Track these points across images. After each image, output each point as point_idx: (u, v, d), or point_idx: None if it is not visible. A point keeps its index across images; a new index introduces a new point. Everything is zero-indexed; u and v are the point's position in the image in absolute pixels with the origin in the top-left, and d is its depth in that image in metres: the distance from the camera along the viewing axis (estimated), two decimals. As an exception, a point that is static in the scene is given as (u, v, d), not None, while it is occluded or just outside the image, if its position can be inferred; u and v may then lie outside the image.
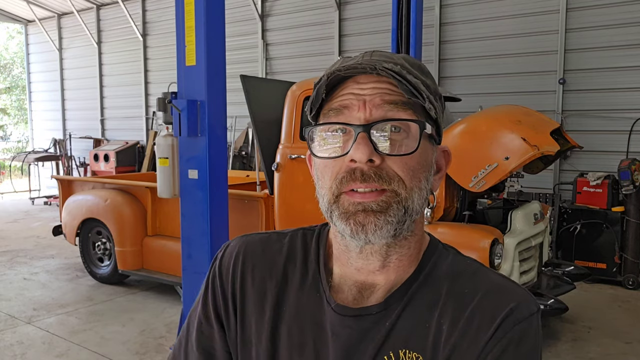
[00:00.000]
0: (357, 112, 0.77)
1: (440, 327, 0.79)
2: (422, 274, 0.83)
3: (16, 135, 23.78)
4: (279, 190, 4.37)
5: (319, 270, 0.88)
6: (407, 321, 0.80)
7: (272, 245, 0.93)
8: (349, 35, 8.50)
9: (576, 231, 5.78)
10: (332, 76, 0.78)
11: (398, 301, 0.82)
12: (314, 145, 0.81)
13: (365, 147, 0.74)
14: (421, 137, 0.77)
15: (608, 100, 6.46)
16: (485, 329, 0.76)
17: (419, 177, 0.78)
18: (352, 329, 0.81)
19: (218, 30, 3.77)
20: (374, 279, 0.84)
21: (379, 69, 0.76)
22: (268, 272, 0.90)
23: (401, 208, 0.76)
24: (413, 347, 0.79)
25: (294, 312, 0.86)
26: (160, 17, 10.87)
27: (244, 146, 9.03)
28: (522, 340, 0.76)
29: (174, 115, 3.82)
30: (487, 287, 0.81)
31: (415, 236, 0.84)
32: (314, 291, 0.86)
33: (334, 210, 0.78)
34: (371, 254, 0.81)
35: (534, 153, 3.68)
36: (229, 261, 0.93)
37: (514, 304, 0.78)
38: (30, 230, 8.95)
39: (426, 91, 0.78)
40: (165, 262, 5.32)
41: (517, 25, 6.97)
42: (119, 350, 4.12)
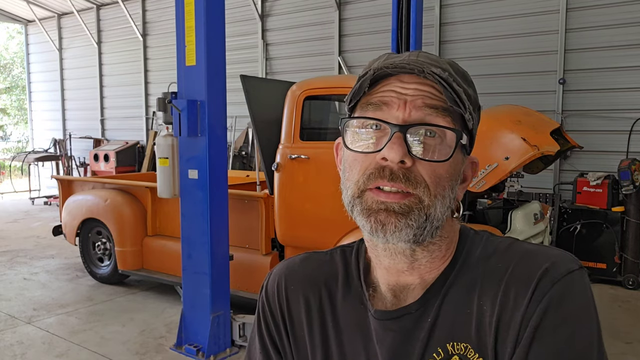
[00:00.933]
0: (396, 110, 0.77)
1: (481, 309, 0.77)
2: (457, 265, 0.82)
3: (16, 135, 23.78)
4: (279, 190, 4.37)
5: (361, 282, 0.88)
6: (448, 313, 0.79)
7: (312, 265, 0.94)
8: (349, 35, 8.50)
9: (576, 231, 5.78)
10: (379, 72, 0.78)
11: (436, 295, 0.81)
12: (347, 137, 0.80)
13: (400, 148, 0.74)
14: (456, 147, 0.77)
15: (608, 100, 6.46)
16: (523, 295, 0.74)
17: (444, 186, 0.77)
18: (394, 331, 0.81)
19: (218, 30, 3.78)
20: (406, 280, 0.83)
21: (427, 72, 0.76)
22: (311, 292, 0.91)
23: (423, 215, 0.75)
24: (459, 338, 0.78)
25: (342, 326, 0.87)
26: (160, 17, 10.87)
27: (244, 146, 9.03)
28: (564, 299, 0.73)
29: (174, 115, 3.82)
30: (520, 255, 0.79)
31: (445, 239, 0.83)
32: (358, 303, 0.87)
33: (356, 205, 0.78)
34: (395, 254, 0.81)
35: (534, 153, 3.68)
36: (272, 287, 0.95)
37: (548, 264, 0.75)
38: (30, 230, 8.95)
39: (467, 101, 0.77)
40: (165, 262, 5.32)
41: (517, 25, 6.97)
42: (119, 350, 4.12)
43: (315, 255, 0.96)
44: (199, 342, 3.94)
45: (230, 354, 4.00)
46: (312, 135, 4.56)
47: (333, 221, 4.13)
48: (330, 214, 4.16)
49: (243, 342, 4.11)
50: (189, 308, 4.03)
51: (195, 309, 3.98)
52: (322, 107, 5.04)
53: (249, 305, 4.68)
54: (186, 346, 3.98)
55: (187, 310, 4.04)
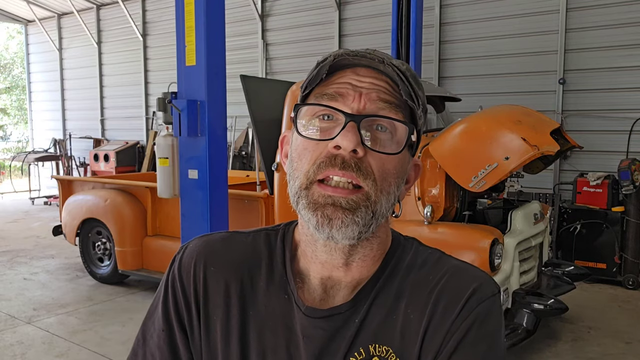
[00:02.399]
0: (351, 101, 0.77)
1: (408, 317, 0.80)
2: (387, 269, 0.84)
3: (16, 135, 23.78)
4: (279, 190, 4.37)
5: (286, 271, 0.86)
6: (376, 315, 0.81)
7: (235, 245, 0.90)
8: (349, 35, 8.51)
9: (576, 231, 5.78)
10: (339, 58, 0.78)
11: (365, 297, 0.82)
12: (300, 124, 0.79)
13: (353, 136, 0.73)
14: (407, 142, 0.78)
15: (608, 100, 6.46)
16: (452, 309, 0.78)
17: (390, 182, 0.77)
18: (323, 329, 0.81)
19: (218, 30, 3.78)
20: (338, 276, 0.83)
21: (387, 64, 0.77)
22: (232, 275, 0.87)
23: (369, 212, 0.76)
24: (382, 341, 0.79)
25: (263, 315, 0.84)
26: (160, 17, 10.87)
27: (244, 146, 9.03)
28: (487, 319, 0.78)
29: (174, 115, 3.82)
30: (450, 270, 0.82)
31: (378, 238, 0.84)
32: (282, 293, 0.85)
33: (302, 198, 0.78)
34: (334, 250, 0.81)
35: (534, 153, 3.68)
36: (189, 262, 0.90)
37: (477, 284, 0.80)
38: (30, 230, 8.94)
39: (420, 100, 0.79)
40: (166, 262, 5.25)
41: (517, 25, 6.97)
42: (119, 350, 4.12)
43: (237, 236, 0.92)
44: (199, 342, 3.93)
45: (230, 354, 3.99)
46: (312, 135, 4.56)
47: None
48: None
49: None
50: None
51: (195, 309, 3.97)
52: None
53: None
54: (186, 346, 3.97)
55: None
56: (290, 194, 0.81)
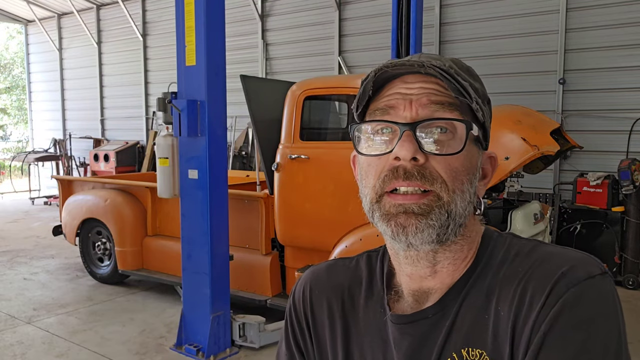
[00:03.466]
0: (403, 111, 0.76)
1: (498, 315, 0.74)
2: (478, 268, 0.80)
3: (16, 135, 23.78)
4: (279, 190, 4.37)
5: (383, 286, 0.88)
6: (466, 318, 0.77)
7: (338, 270, 0.95)
8: (349, 35, 8.50)
9: (576, 231, 5.78)
10: (380, 72, 0.77)
11: (454, 299, 0.79)
12: (360, 144, 0.80)
13: (410, 145, 0.73)
14: (467, 138, 0.75)
15: (608, 100, 6.46)
16: (538, 299, 0.70)
17: (461, 180, 0.75)
18: (411, 335, 0.80)
19: (218, 30, 3.78)
20: (427, 284, 0.82)
21: (427, 67, 0.75)
22: (334, 297, 0.91)
23: (444, 212, 0.74)
24: (475, 344, 0.75)
25: (362, 330, 0.87)
26: (160, 17, 10.87)
27: (244, 146, 9.03)
28: (579, 304, 0.68)
29: (174, 115, 3.82)
30: (541, 257, 0.76)
31: (467, 238, 0.81)
32: (378, 307, 0.87)
33: (376, 211, 0.77)
34: (417, 260, 0.80)
35: (534, 153, 3.68)
36: (299, 293, 0.96)
37: (567, 267, 0.72)
38: (30, 230, 8.94)
39: (474, 93, 0.77)
40: (165, 262, 5.32)
41: (517, 25, 6.97)
42: (119, 350, 4.12)
43: (340, 261, 0.97)
44: (199, 342, 3.94)
45: (230, 354, 4.00)
46: (312, 135, 4.56)
47: (333, 221, 4.13)
48: (330, 214, 4.16)
49: (243, 342, 4.11)
50: (189, 308, 4.03)
51: (195, 309, 3.98)
52: (322, 107, 5.04)
53: (249, 305, 4.68)
54: (186, 346, 3.98)
55: (187, 310, 4.04)
56: (365, 210, 0.80)
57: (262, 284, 4.63)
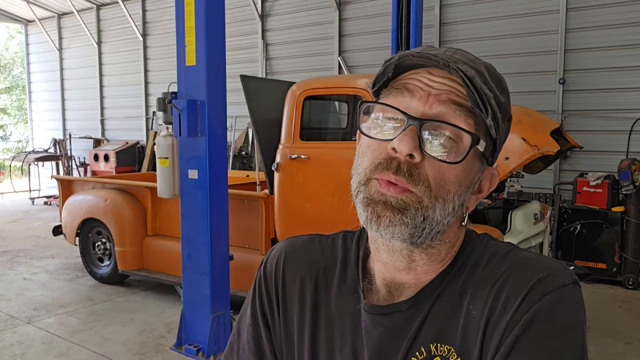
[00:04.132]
0: (417, 100, 0.74)
1: (469, 313, 0.75)
2: (454, 268, 0.80)
3: (16, 135, 23.77)
4: (279, 190, 4.37)
5: (357, 271, 0.87)
6: (439, 314, 0.78)
7: (314, 247, 0.94)
8: (349, 35, 8.50)
9: (576, 231, 5.78)
10: (404, 57, 0.75)
11: (429, 296, 0.79)
12: (364, 123, 0.78)
13: (410, 140, 0.71)
14: (469, 152, 0.73)
15: (608, 100, 6.46)
16: (512, 303, 0.71)
17: (448, 190, 0.73)
18: (384, 326, 0.80)
19: (218, 30, 3.78)
20: (401, 278, 0.82)
21: (452, 67, 0.72)
22: (308, 274, 0.90)
23: (420, 215, 0.72)
24: (444, 340, 0.76)
25: (333, 313, 0.86)
26: (160, 17, 10.87)
27: (244, 146, 9.03)
28: (552, 312, 0.69)
29: (174, 115, 3.82)
30: (517, 262, 0.76)
31: (446, 244, 0.80)
32: (352, 292, 0.86)
33: (361, 192, 0.76)
34: (394, 251, 0.79)
35: (534, 153, 3.68)
36: (272, 263, 0.95)
37: (543, 275, 0.72)
38: (30, 230, 8.94)
39: (496, 107, 0.73)
40: (165, 262, 5.32)
41: (517, 25, 6.97)
42: (119, 350, 4.12)
43: (318, 238, 0.95)
44: (199, 342, 3.94)
45: (230, 354, 3.99)
46: (312, 135, 4.56)
47: (333, 221, 4.13)
48: (330, 214, 4.16)
49: (243, 342, 4.11)
50: (189, 308, 4.03)
51: (195, 309, 3.98)
52: (322, 107, 5.04)
53: (249, 305, 4.68)
54: (186, 346, 3.98)
55: (187, 310, 4.04)
56: (352, 188, 0.80)
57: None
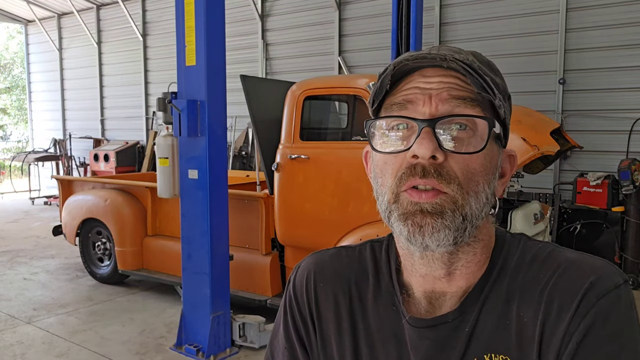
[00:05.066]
0: (422, 106, 0.73)
1: (521, 321, 0.74)
2: (494, 272, 0.78)
3: (16, 135, 23.77)
4: (279, 190, 4.37)
5: (393, 283, 0.84)
6: (487, 323, 0.76)
7: (342, 261, 0.91)
8: (349, 35, 8.50)
9: (576, 231, 5.78)
10: (399, 65, 0.74)
11: (473, 304, 0.77)
12: (375, 140, 0.77)
13: (429, 143, 0.70)
14: (489, 136, 0.73)
15: (608, 100, 6.46)
16: (567, 308, 0.70)
17: (477, 181, 0.73)
18: (430, 339, 0.78)
19: (218, 30, 3.78)
20: (442, 287, 0.80)
21: (450, 60, 0.72)
22: (340, 289, 0.88)
23: (458, 215, 0.71)
24: (498, 350, 0.74)
25: (373, 327, 0.84)
26: (160, 17, 10.87)
27: (244, 146, 9.03)
28: (610, 315, 0.69)
29: (174, 115, 3.82)
30: (563, 264, 0.75)
31: (481, 241, 0.79)
32: (389, 305, 0.84)
33: (394, 211, 0.74)
34: (433, 260, 0.77)
35: (534, 153, 3.68)
36: (301, 281, 0.92)
37: (594, 277, 0.71)
38: (30, 230, 8.94)
39: (496, 88, 0.74)
40: (165, 262, 5.32)
41: (517, 25, 6.97)
42: (119, 350, 4.12)
43: (344, 250, 0.92)
44: (199, 342, 3.94)
45: (230, 354, 4.00)
46: (312, 135, 4.56)
47: (333, 221, 4.14)
48: (330, 214, 4.16)
49: (243, 342, 4.11)
50: (189, 308, 4.03)
51: (195, 309, 3.98)
52: (322, 107, 5.04)
53: (249, 305, 4.68)
54: (186, 346, 3.98)
55: (187, 310, 4.04)
56: (381, 211, 0.77)
57: (262, 284, 4.63)
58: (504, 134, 0.78)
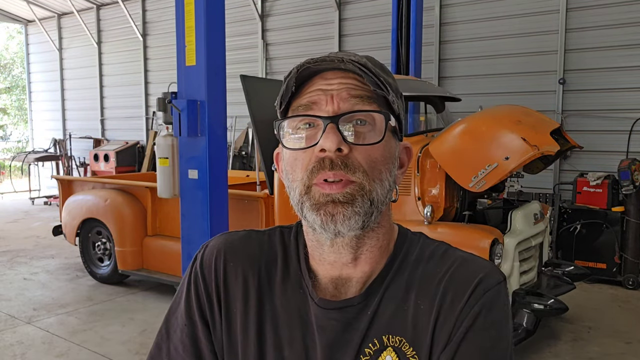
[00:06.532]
0: (325, 106, 0.80)
1: (418, 308, 0.83)
2: (396, 262, 0.87)
3: (16, 135, 23.77)
4: (279, 190, 4.37)
5: (300, 267, 0.90)
6: (388, 307, 0.84)
7: (252, 243, 0.94)
8: (349, 35, 8.50)
9: (576, 231, 5.78)
10: (302, 68, 0.82)
11: (377, 290, 0.85)
12: (285, 140, 0.84)
13: (334, 136, 0.77)
14: (386, 129, 0.81)
15: (608, 100, 6.46)
16: (459, 299, 0.81)
17: (380, 170, 0.81)
18: (336, 320, 0.84)
19: (218, 30, 3.78)
20: (348, 272, 0.86)
21: (347, 62, 0.79)
22: (250, 270, 0.91)
23: (366, 200, 0.79)
24: (395, 331, 0.83)
25: (279, 309, 0.88)
26: (160, 17, 10.87)
27: (244, 146, 9.03)
28: (493, 307, 0.81)
29: (174, 115, 3.82)
30: (457, 262, 0.85)
31: (383, 227, 0.86)
32: (297, 288, 0.88)
33: (305, 202, 0.81)
34: (342, 247, 0.84)
35: (534, 153, 3.68)
36: (210, 259, 0.93)
37: (483, 274, 0.83)
38: (30, 230, 8.95)
39: (390, 87, 0.81)
40: (165, 262, 5.32)
41: (517, 25, 6.97)
42: (119, 350, 4.12)
43: (255, 233, 0.96)
44: (199, 342, 3.93)
45: (230, 354, 3.99)
46: (312, 135, 4.55)
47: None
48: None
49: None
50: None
51: (195, 309, 3.97)
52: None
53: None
54: (186, 346, 3.97)
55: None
56: (293, 204, 0.84)
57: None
58: (399, 128, 0.86)
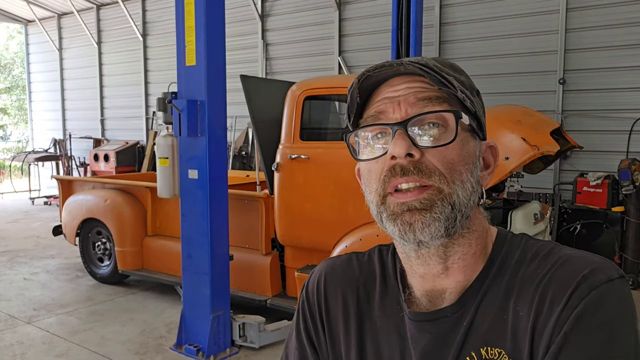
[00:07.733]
0: (393, 113, 0.78)
1: (517, 315, 0.75)
2: (494, 267, 0.80)
3: (16, 135, 23.77)
4: (279, 190, 4.37)
5: (398, 283, 0.88)
6: (485, 317, 0.78)
7: (352, 265, 0.95)
8: (349, 35, 8.50)
9: (576, 231, 5.78)
10: (363, 78, 0.79)
11: (472, 299, 0.79)
12: (357, 152, 0.82)
13: (403, 142, 0.75)
14: (458, 127, 0.76)
15: (608, 100, 6.46)
16: (559, 300, 0.71)
17: (459, 170, 0.76)
18: (430, 333, 0.81)
19: (218, 30, 3.78)
20: (441, 284, 0.82)
21: (406, 64, 0.77)
22: (349, 291, 0.92)
23: (447, 205, 0.74)
24: (493, 343, 0.76)
25: (378, 326, 0.87)
26: (160, 17, 10.87)
27: (244, 146, 9.03)
28: (601, 306, 0.69)
29: (174, 115, 3.82)
30: (560, 260, 0.76)
31: (474, 232, 0.81)
32: (394, 304, 0.87)
33: (382, 213, 0.78)
34: (429, 257, 0.80)
35: (534, 153, 3.68)
36: (313, 284, 0.96)
37: (587, 270, 0.72)
38: (30, 230, 8.94)
39: (458, 85, 0.78)
40: (165, 262, 5.32)
41: (517, 25, 6.97)
42: (119, 350, 4.12)
43: (355, 255, 0.97)
44: (199, 342, 3.94)
45: (230, 354, 4.00)
46: (312, 135, 4.56)
47: (333, 221, 4.13)
48: (330, 214, 4.15)
49: (243, 342, 4.11)
50: (189, 308, 4.03)
51: (195, 309, 3.98)
52: (322, 107, 5.04)
53: (249, 305, 4.68)
54: (186, 346, 3.98)
55: (187, 310, 4.04)
56: (374, 216, 0.81)
57: (262, 284, 4.63)
58: (478, 126, 0.82)
